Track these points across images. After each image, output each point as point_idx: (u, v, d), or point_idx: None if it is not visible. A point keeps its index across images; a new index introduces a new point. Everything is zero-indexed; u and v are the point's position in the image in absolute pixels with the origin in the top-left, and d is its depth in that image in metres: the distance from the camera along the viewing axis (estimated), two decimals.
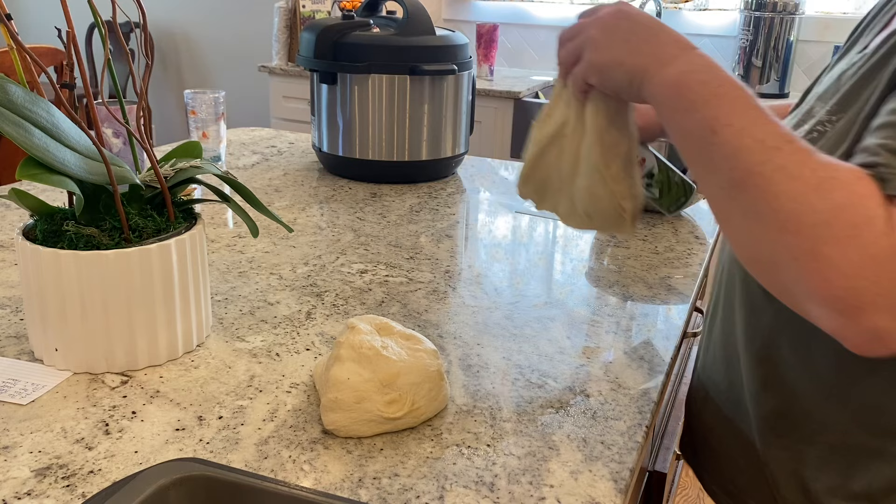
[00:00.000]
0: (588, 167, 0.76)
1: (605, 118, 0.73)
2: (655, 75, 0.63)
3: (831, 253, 0.52)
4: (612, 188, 0.75)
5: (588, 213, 0.80)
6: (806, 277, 0.54)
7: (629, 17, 0.67)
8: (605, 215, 0.78)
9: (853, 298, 0.53)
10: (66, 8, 0.71)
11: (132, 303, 0.78)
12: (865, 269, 0.52)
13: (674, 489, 1.50)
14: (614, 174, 0.75)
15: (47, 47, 2.15)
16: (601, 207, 0.78)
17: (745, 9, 2.91)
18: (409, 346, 0.75)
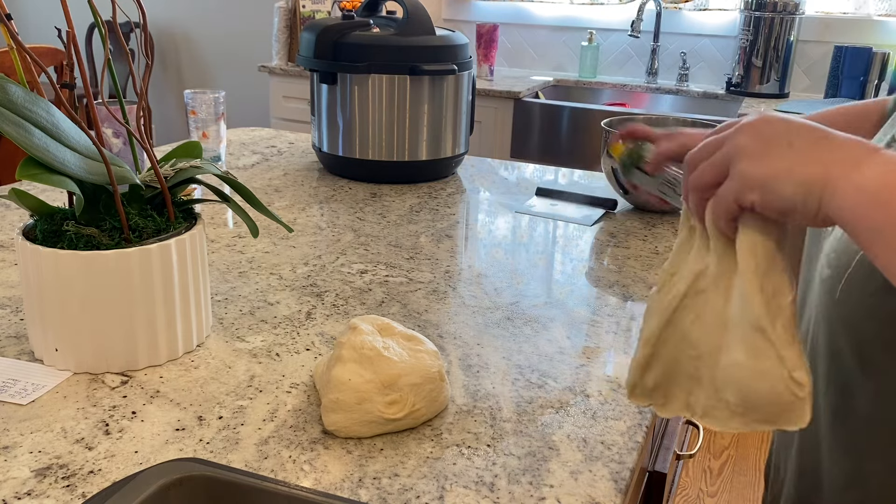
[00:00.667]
0: (742, 331, 0.56)
1: (766, 257, 0.54)
2: (845, 180, 0.48)
3: None
4: (781, 354, 0.54)
5: (744, 399, 0.57)
6: None
7: (785, 121, 0.52)
8: (770, 398, 0.55)
9: None
10: (66, 8, 0.71)
11: (132, 303, 0.78)
12: None
13: (674, 489, 1.50)
14: (781, 335, 0.54)
15: (47, 47, 2.15)
16: (765, 388, 0.55)
17: (745, 9, 2.91)
18: (411, 346, 0.75)
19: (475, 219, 1.36)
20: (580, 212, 1.39)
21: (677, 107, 3.11)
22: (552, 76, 3.34)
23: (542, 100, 3.07)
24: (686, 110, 3.10)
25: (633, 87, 3.19)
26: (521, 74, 3.38)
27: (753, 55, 2.92)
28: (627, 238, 1.27)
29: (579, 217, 1.36)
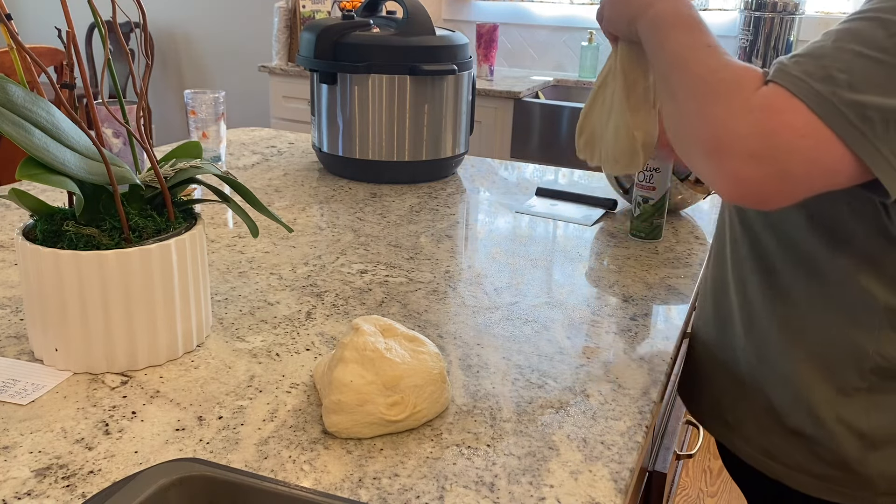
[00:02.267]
0: (616, 106, 0.90)
1: (629, 59, 0.89)
2: (643, 16, 0.81)
3: (709, 109, 0.68)
4: (629, 120, 0.88)
5: (614, 154, 0.91)
6: (692, 132, 0.70)
7: None
8: (623, 151, 0.90)
9: (716, 144, 0.67)
10: (66, 8, 0.71)
11: (132, 303, 0.78)
12: (728, 120, 0.66)
13: (674, 489, 1.50)
14: (632, 105, 0.88)
15: (47, 47, 2.15)
16: (621, 145, 0.90)
17: (745, 9, 2.91)
18: (413, 348, 0.75)
19: (475, 219, 1.36)
20: (580, 212, 1.39)
21: None
22: (552, 76, 3.34)
23: (542, 100, 3.07)
24: None
25: None
26: (521, 74, 3.38)
27: (753, 55, 2.92)
28: (627, 238, 1.27)
29: (579, 217, 1.36)
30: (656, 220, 1.25)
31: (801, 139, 0.64)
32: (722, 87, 0.68)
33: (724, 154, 0.67)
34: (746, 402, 0.87)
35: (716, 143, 0.67)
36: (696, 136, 0.69)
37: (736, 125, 0.66)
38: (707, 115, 0.68)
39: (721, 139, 0.67)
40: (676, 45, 0.76)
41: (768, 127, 0.65)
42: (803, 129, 0.64)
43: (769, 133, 0.64)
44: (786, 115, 0.64)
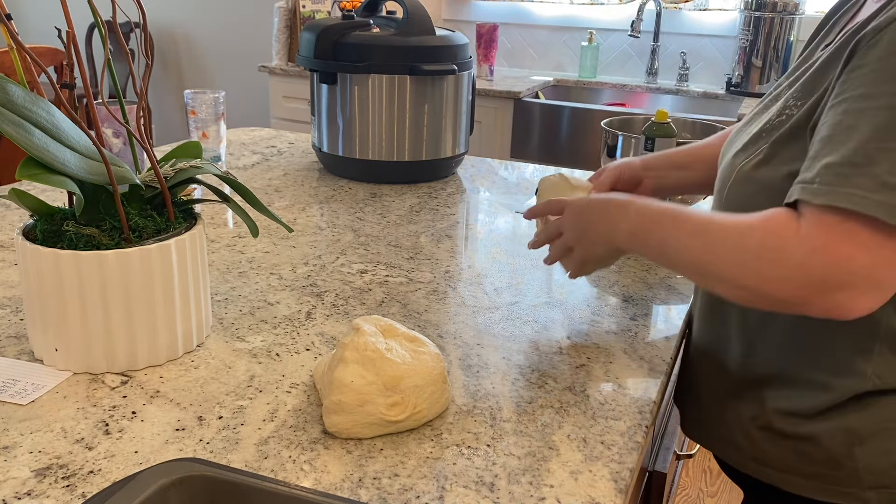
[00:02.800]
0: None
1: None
2: (617, 234, 0.84)
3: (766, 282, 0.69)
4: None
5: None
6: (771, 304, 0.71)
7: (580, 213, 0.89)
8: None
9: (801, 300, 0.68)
10: (66, 8, 0.71)
11: (132, 303, 0.78)
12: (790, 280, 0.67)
13: (674, 489, 1.50)
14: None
15: (47, 47, 2.15)
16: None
17: (745, 9, 2.91)
18: (413, 348, 0.75)
19: (475, 219, 1.36)
20: None
21: (677, 107, 3.12)
22: (552, 76, 3.34)
23: (542, 100, 3.07)
24: (686, 110, 3.10)
25: (632, 87, 3.19)
26: (521, 74, 3.38)
27: (753, 55, 2.92)
28: None
29: None
30: None
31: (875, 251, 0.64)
32: (756, 252, 0.69)
33: (807, 301, 0.68)
34: (734, 411, 0.88)
35: (792, 297, 0.68)
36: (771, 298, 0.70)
37: (796, 278, 0.67)
38: (763, 279, 0.69)
39: (793, 294, 0.68)
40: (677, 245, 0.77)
41: (836, 259, 0.65)
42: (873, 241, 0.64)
43: (829, 269, 0.65)
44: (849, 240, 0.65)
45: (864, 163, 0.65)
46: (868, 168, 0.64)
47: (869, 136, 0.65)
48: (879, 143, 0.64)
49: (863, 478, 0.78)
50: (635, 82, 3.23)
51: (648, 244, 0.80)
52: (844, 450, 0.78)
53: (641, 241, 0.81)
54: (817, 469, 0.81)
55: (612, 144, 1.39)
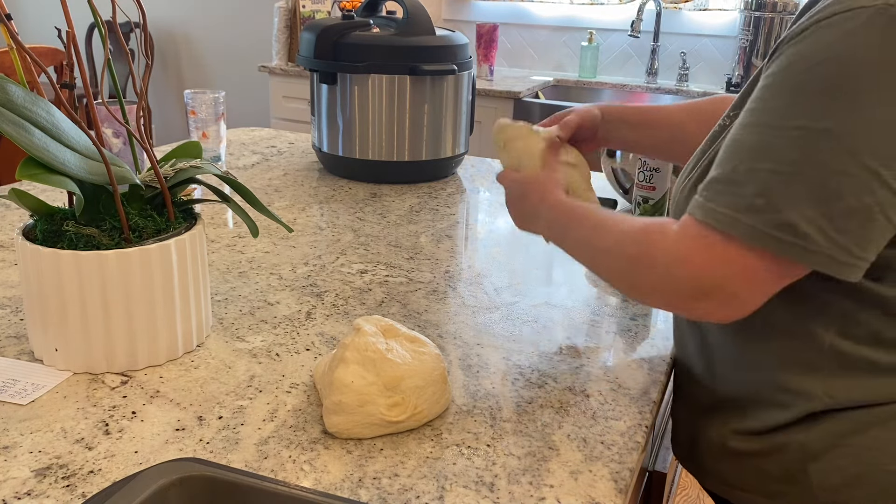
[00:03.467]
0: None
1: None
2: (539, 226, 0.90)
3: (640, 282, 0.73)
4: None
5: None
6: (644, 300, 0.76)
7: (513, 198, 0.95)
8: None
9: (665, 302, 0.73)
10: (66, 8, 0.71)
11: (132, 303, 0.78)
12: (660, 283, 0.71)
13: (674, 489, 1.50)
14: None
15: (47, 47, 2.15)
16: None
17: (745, 9, 2.91)
18: (414, 348, 0.75)
19: (475, 219, 1.36)
20: None
21: None
22: (552, 76, 3.34)
23: (542, 100, 3.07)
24: None
25: (633, 87, 3.19)
26: (521, 74, 3.38)
27: (753, 55, 2.92)
28: None
29: None
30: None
31: (725, 268, 0.67)
32: (634, 259, 0.73)
33: (680, 307, 0.72)
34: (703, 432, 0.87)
35: (668, 303, 0.73)
36: (652, 299, 0.75)
37: (668, 286, 0.70)
38: (644, 284, 0.73)
39: (668, 299, 0.72)
40: (575, 242, 0.83)
41: (691, 274, 0.68)
42: (729, 256, 0.67)
43: (696, 278, 0.68)
44: (702, 254, 0.68)
45: (737, 181, 0.67)
46: (739, 188, 0.66)
47: (744, 156, 0.67)
48: (752, 163, 0.66)
49: (817, 495, 0.77)
50: (635, 82, 3.23)
51: (561, 239, 0.86)
52: (798, 465, 0.77)
53: (556, 236, 0.87)
54: (775, 487, 0.80)
55: None
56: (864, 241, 0.65)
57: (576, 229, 0.83)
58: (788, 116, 0.65)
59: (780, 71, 0.67)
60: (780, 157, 0.65)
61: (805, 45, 0.65)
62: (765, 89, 0.68)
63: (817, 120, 0.63)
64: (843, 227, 0.64)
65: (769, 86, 0.68)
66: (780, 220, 0.64)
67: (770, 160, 0.65)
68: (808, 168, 0.64)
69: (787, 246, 0.65)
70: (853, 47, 0.63)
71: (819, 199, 0.63)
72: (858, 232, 0.64)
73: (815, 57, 0.64)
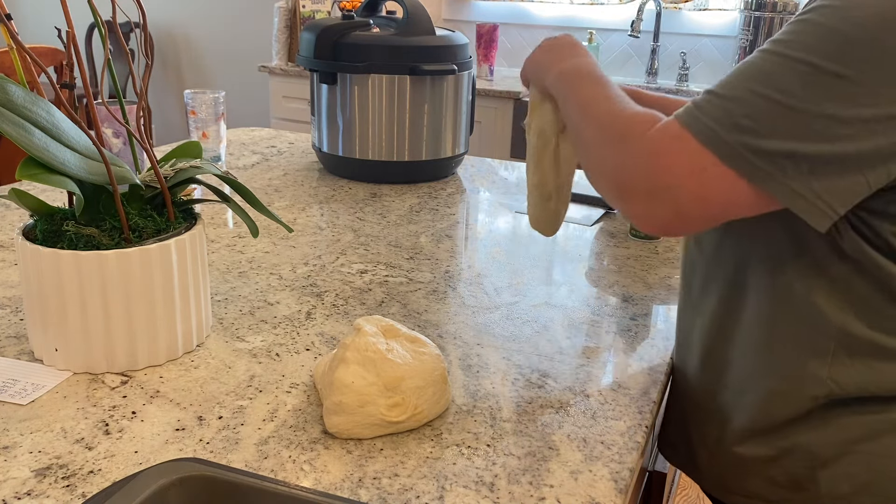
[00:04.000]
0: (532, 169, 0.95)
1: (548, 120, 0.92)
2: (551, 71, 0.88)
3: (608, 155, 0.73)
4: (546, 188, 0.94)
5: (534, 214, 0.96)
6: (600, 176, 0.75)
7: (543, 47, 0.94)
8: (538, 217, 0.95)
9: (618, 186, 0.72)
10: (66, 8, 0.71)
11: (132, 303, 0.78)
12: (623, 165, 0.70)
13: (674, 489, 1.50)
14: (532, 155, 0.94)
15: (47, 47, 2.15)
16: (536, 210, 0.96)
17: (745, 9, 2.91)
18: (414, 349, 0.75)
19: (475, 219, 1.36)
20: (580, 212, 1.39)
21: None
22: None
23: None
24: None
25: (633, 87, 3.18)
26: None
27: None
28: (627, 238, 1.27)
29: (579, 217, 1.36)
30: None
31: (688, 178, 0.66)
32: (617, 134, 0.73)
33: (624, 196, 0.71)
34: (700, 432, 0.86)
35: (617, 186, 0.72)
36: (603, 180, 0.75)
37: (630, 168, 0.70)
38: (607, 160, 0.73)
39: (620, 182, 0.71)
40: (580, 97, 0.81)
41: (656, 167, 0.68)
42: (693, 167, 0.66)
43: (657, 173, 0.68)
44: (673, 155, 0.67)
45: (731, 98, 0.66)
46: (731, 104, 0.66)
47: (748, 76, 0.66)
48: (752, 84, 0.66)
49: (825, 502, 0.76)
50: (635, 82, 3.22)
51: (561, 94, 0.85)
52: (807, 472, 0.77)
53: (559, 89, 0.86)
54: (782, 493, 0.79)
55: None
56: (839, 191, 0.64)
57: (580, 87, 0.82)
58: (804, 51, 0.64)
59: (806, 13, 0.66)
60: (780, 86, 0.64)
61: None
62: (787, 28, 0.67)
63: (832, 62, 0.62)
64: (823, 171, 0.63)
65: (791, 25, 0.67)
66: (761, 145, 0.64)
67: (770, 87, 0.65)
68: (806, 105, 0.63)
69: (758, 172, 0.64)
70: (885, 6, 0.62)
71: (807, 138, 0.63)
72: (837, 180, 0.64)
73: (849, 3, 0.63)
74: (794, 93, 0.63)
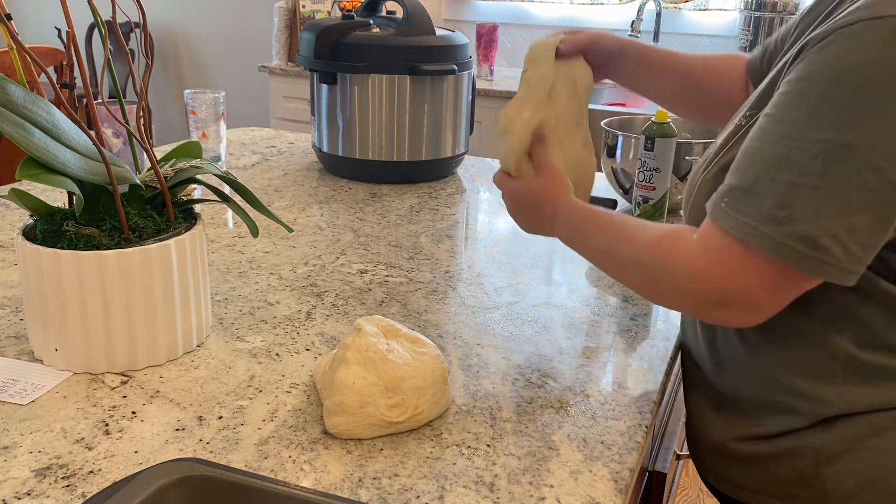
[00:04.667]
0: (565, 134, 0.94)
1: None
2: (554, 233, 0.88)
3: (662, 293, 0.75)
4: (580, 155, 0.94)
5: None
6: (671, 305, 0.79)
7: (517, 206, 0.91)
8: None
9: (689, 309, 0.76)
10: (66, 8, 0.71)
11: (132, 303, 0.78)
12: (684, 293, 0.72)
13: (674, 489, 1.50)
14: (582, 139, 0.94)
15: (47, 47, 2.15)
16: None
17: (745, 9, 2.91)
18: (415, 349, 0.75)
19: (475, 219, 1.36)
20: None
21: None
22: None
23: None
24: None
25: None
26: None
27: None
28: None
29: None
30: (656, 219, 1.25)
31: (748, 279, 0.68)
32: (656, 269, 0.74)
33: (697, 313, 0.76)
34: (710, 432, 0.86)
35: (687, 309, 0.76)
36: (673, 307, 0.79)
37: (690, 292, 0.71)
38: (665, 294, 0.75)
39: (691, 302, 0.72)
40: (596, 251, 0.83)
41: (714, 281, 0.69)
42: (748, 268, 0.67)
43: (719, 286, 0.69)
44: (726, 265, 0.68)
45: (757, 192, 0.66)
46: (760, 198, 0.66)
47: (767, 166, 0.66)
48: (774, 173, 0.66)
49: (832, 499, 0.77)
50: None
51: (580, 248, 0.85)
52: (812, 469, 0.77)
53: (575, 245, 0.85)
54: (788, 490, 0.80)
55: (612, 144, 1.39)
56: (873, 250, 0.66)
57: (596, 239, 0.82)
58: (811, 128, 0.64)
59: (803, 79, 0.66)
60: (801, 169, 0.64)
61: (829, 52, 0.64)
62: (787, 96, 0.67)
63: (841, 133, 0.62)
64: (864, 242, 0.64)
65: (791, 93, 0.67)
66: (801, 232, 0.64)
67: (792, 172, 0.64)
68: (830, 182, 0.63)
69: (806, 259, 0.65)
70: (880, 58, 0.61)
71: (840, 213, 0.63)
72: (876, 245, 0.65)
73: (840, 65, 0.63)
74: (814, 171, 0.64)
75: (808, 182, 0.64)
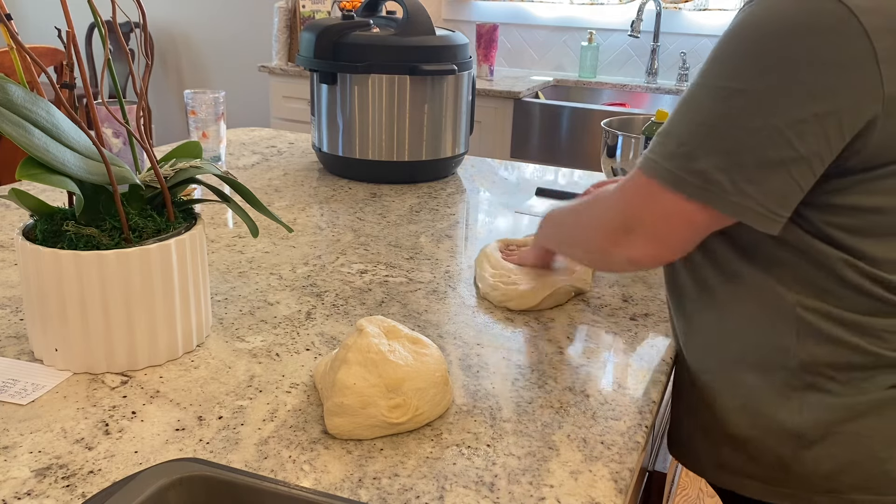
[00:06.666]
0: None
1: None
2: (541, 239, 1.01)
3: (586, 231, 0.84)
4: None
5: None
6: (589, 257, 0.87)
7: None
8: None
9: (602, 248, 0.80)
10: (66, 8, 0.71)
11: (132, 303, 0.78)
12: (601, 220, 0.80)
13: (674, 489, 1.50)
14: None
15: (47, 47, 2.15)
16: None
17: None
18: (416, 350, 0.75)
19: (475, 219, 1.36)
20: None
21: None
22: (552, 76, 3.34)
23: (541, 100, 3.07)
24: None
25: (632, 87, 3.19)
26: (520, 74, 3.38)
27: None
28: None
29: None
30: None
31: (648, 209, 0.75)
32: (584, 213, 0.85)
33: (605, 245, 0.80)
34: (695, 417, 0.88)
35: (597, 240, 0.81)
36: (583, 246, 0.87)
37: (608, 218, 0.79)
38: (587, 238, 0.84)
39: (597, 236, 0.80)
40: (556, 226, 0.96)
41: (625, 208, 0.77)
42: (653, 198, 0.74)
43: (627, 213, 0.77)
44: (632, 194, 0.76)
45: (669, 132, 0.74)
46: (669, 137, 0.74)
47: (680, 109, 0.74)
48: (683, 115, 0.73)
49: (812, 482, 0.79)
50: (635, 82, 3.23)
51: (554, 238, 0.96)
52: (790, 452, 0.79)
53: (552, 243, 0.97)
54: (770, 472, 0.82)
55: (611, 144, 1.39)
56: (774, 195, 0.70)
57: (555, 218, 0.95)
58: (715, 76, 0.72)
59: (720, 38, 0.74)
60: (704, 111, 0.72)
61: (739, 15, 0.72)
62: (713, 50, 0.75)
63: (735, 81, 0.70)
64: (752, 178, 0.70)
65: (713, 50, 0.75)
66: (694, 166, 0.71)
67: (697, 113, 0.72)
68: (725, 122, 0.70)
69: (697, 190, 0.71)
70: (770, 16, 0.69)
71: (730, 151, 0.70)
72: (767, 185, 0.70)
73: (742, 23, 0.71)
74: (714, 113, 0.71)
75: (707, 121, 0.71)
